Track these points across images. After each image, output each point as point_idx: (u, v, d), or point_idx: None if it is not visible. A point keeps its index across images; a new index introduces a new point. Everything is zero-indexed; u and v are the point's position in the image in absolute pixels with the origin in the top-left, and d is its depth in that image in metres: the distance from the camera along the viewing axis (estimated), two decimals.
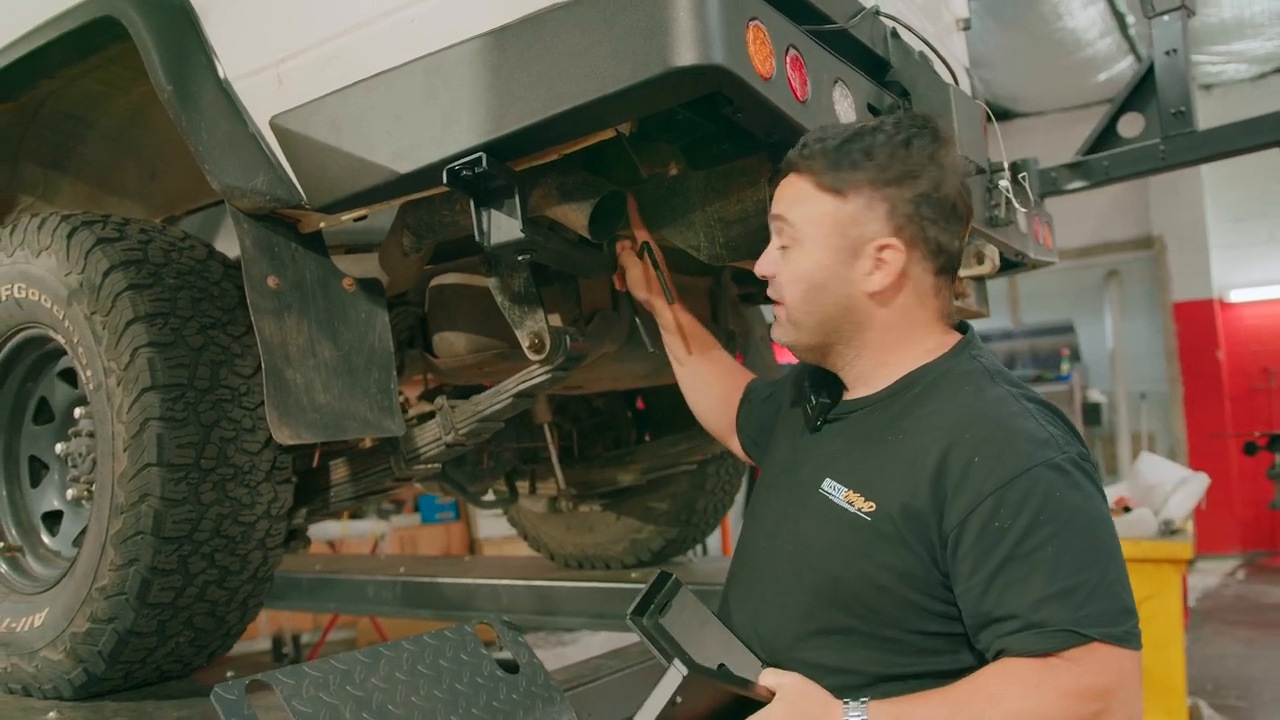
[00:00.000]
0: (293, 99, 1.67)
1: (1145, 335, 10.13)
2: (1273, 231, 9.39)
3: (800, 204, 1.39)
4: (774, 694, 1.28)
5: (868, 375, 1.44)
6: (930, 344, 1.42)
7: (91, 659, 1.79)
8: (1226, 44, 8.38)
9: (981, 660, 1.28)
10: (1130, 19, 7.68)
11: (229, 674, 1.91)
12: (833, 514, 1.36)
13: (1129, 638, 1.20)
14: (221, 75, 1.76)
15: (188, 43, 1.78)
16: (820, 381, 1.52)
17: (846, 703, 1.25)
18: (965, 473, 1.24)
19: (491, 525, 8.34)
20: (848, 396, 1.48)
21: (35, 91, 2.25)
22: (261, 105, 1.72)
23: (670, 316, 1.87)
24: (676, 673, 1.24)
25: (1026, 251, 2.49)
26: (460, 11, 1.48)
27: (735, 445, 1.87)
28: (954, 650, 1.30)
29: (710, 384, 1.90)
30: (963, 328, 1.47)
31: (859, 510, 1.32)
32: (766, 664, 1.37)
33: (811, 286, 1.39)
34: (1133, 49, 8.21)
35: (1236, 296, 9.84)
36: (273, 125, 1.70)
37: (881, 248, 1.35)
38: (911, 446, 1.31)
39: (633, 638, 2.39)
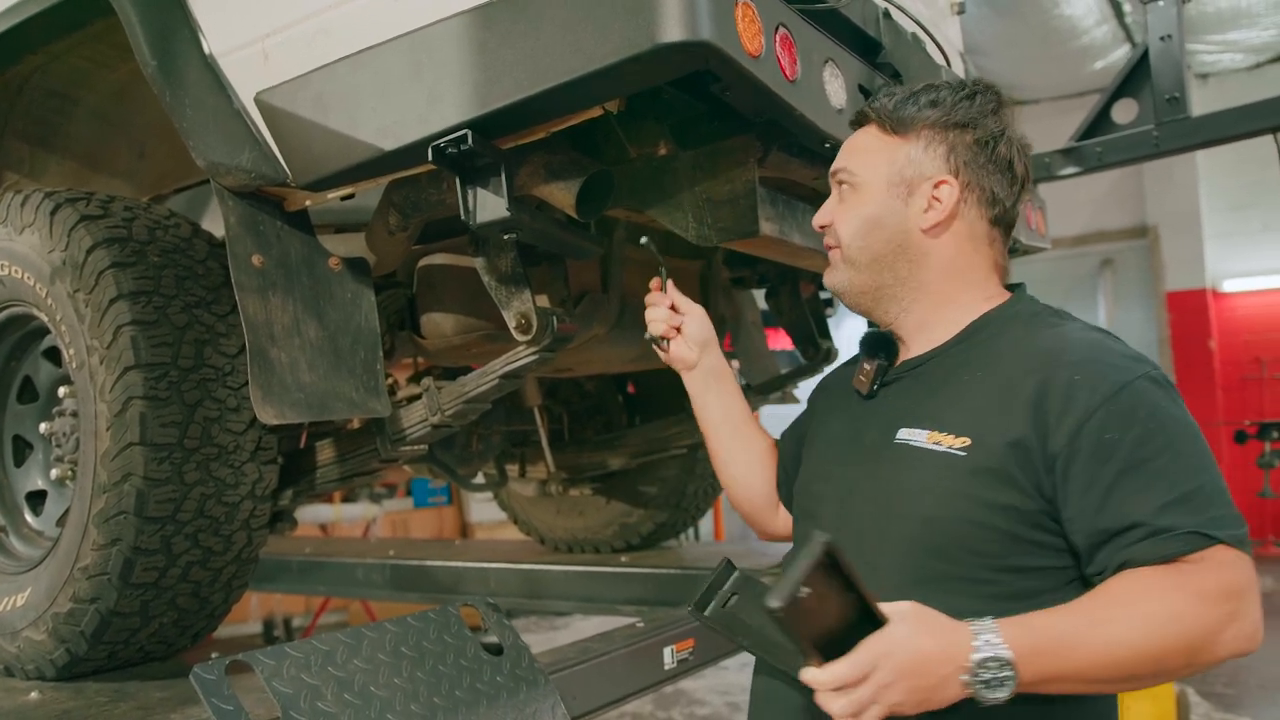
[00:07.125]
0: (278, 75, 1.65)
1: (1139, 324, 10.13)
2: (1267, 221, 9.38)
3: (861, 152, 1.44)
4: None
5: (929, 324, 1.42)
6: (990, 292, 1.43)
7: (74, 639, 1.77)
8: (1223, 33, 8.37)
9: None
10: (1127, 7, 7.66)
11: (213, 655, 1.89)
12: (917, 458, 1.32)
13: (1247, 543, 1.20)
14: (206, 51, 1.73)
15: (172, 18, 1.75)
16: (872, 352, 1.48)
17: (970, 621, 1.16)
18: (1069, 393, 1.24)
19: (484, 510, 8.34)
20: (907, 355, 1.45)
21: (19, 67, 2.22)
22: (247, 81, 1.69)
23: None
24: (818, 543, 1.06)
25: (1018, 237, 2.48)
26: None
27: (777, 523, 1.72)
28: (1055, 589, 1.25)
29: (755, 467, 1.74)
30: (1013, 286, 1.48)
31: (950, 449, 1.29)
32: None
33: (866, 222, 1.41)
34: (1128, 37, 8.19)
35: (1230, 286, 9.85)
36: (258, 101, 1.67)
37: (937, 184, 1.39)
38: (998, 380, 1.30)
39: (621, 621, 2.39)
